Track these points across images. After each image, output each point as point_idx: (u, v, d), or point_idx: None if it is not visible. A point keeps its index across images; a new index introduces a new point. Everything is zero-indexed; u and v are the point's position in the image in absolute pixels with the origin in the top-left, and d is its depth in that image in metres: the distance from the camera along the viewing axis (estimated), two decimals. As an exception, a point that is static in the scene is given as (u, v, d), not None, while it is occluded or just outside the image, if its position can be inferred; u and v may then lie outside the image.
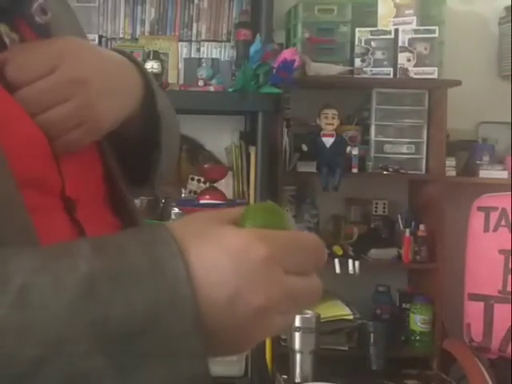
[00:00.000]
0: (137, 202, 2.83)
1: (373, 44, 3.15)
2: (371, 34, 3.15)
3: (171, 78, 3.13)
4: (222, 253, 0.53)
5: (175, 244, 0.52)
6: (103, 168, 0.78)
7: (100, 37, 3.21)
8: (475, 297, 2.91)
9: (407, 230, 3.18)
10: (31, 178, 0.64)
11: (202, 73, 3.08)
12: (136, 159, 0.85)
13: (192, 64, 3.17)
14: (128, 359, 0.49)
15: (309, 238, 0.58)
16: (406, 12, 3.15)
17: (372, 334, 3.05)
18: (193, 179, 3.13)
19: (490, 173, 3.23)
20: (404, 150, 3.23)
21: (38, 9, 0.71)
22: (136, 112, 0.77)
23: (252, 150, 3.00)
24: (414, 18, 3.14)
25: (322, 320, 2.81)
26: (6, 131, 0.62)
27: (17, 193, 0.60)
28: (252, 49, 2.88)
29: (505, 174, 3.21)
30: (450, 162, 3.22)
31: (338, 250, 3.13)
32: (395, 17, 3.16)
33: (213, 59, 3.19)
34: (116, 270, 0.50)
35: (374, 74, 3.15)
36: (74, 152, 0.70)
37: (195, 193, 3.08)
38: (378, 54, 3.14)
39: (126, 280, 0.50)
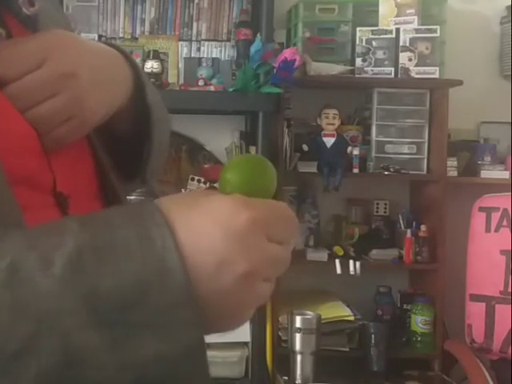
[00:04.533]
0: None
1: (374, 43, 3.13)
2: (372, 34, 3.14)
3: (171, 78, 3.12)
4: (207, 220, 0.53)
5: (161, 215, 0.52)
6: (94, 162, 0.77)
7: (100, 36, 3.20)
8: (476, 297, 2.91)
9: (408, 231, 3.17)
10: (22, 175, 0.63)
11: (202, 72, 3.07)
12: (126, 152, 0.84)
13: (192, 63, 3.16)
14: (121, 331, 0.49)
15: (284, 208, 0.59)
16: (407, 11, 3.14)
17: (373, 335, 3.04)
18: (193, 179, 3.12)
19: (492, 173, 3.22)
20: (405, 150, 3.22)
21: (25, 0, 0.70)
22: (126, 104, 0.76)
23: (252, 150, 2.99)
24: (415, 17, 3.13)
25: (323, 321, 2.81)
26: None
27: (8, 190, 0.59)
28: (252, 48, 2.87)
29: (506, 175, 3.19)
30: (452, 162, 3.21)
31: (338, 250, 3.12)
32: (396, 16, 3.15)
33: (213, 59, 3.18)
34: (103, 242, 0.50)
35: (375, 74, 3.14)
36: (63, 146, 0.69)
37: (195, 193, 3.07)
38: (379, 54, 3.13)
39: (114, 252, 0.50)
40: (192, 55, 3.23)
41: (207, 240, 0.52)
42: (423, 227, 3.17)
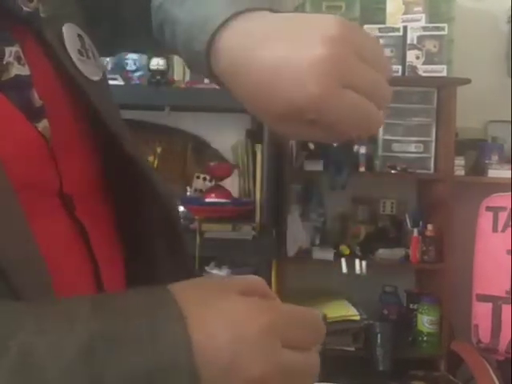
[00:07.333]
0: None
1: (381, 41, 3.12)
2: (379, 31, 3.12)
3: (177, 75, 3.10)
4: (221, 321, 0.52)
5: (176, 308, 0.52)
6: (101, 160, 0.75)
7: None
8: (483, 297, 2.89)
9: (415, 230, 3.16)
10: (29, 181, 0.62)
11: (209, 70, 3.05)
12: None
13: (198, 61, 3.15)
14: None
15: (310, 314, 0.57)
16: (415, 9, 3.13)
17: (379, 335, 3.03)
18: (198, 177, 3.11)
19: (499, 172, 3.21)
20: (412, 148, 3.21)
21: None
22: None
23: (258, 148, 2.98)
24: (423, 15, 3.12)
25: (329, 320, 2.80)
26: (2, 135, 0.60)
27: (14, 198, 0.58)
28: (259, 45, 2.85)
29: (514, 174, 3.18)
30: (459, 161, 3.20)
31: (344, 249, 3.11)
32: (404, 14, 3.13)
33: (219, 56, 3.17)
34: (114, 333, 0.50)
35: (382, 72, 3.12)
36: (72, 149, 0.69)
37: (201, 191, 3.07)
38: (387, 52, 3.12)
39: (125, 344, 0.50)
40: (198, 52, 3.22)
41: (218, 342, 0.51)
42: (430, 226, 3.16)
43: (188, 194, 3.09)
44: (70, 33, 0.72)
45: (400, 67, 3.12)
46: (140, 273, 0.77)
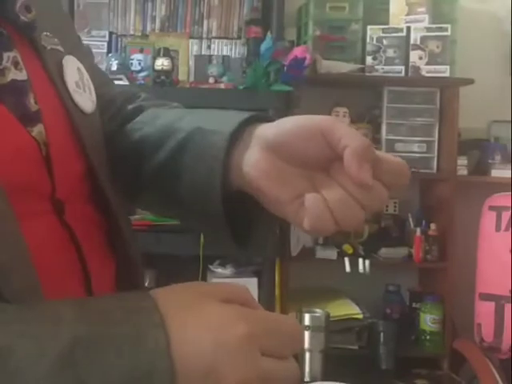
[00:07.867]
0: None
1: (384, 42, 3.13)
2: (383, 32, 3.13)
3: (181, 75, 3.12)
4: (201, 328, 0.53)
5: (158, 314, 0.53)
6: (85, 163, 0.75)
7: (110, 33, 3.21)
8: (486, 297, 2.89)
9: (418, 229, 3.16)
10: (21, 184, 0.63)
11: (213, 70, 3.07)
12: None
13: (202, 61, 3.16)
14: None
15: (289, 322, 0.58)
16: (418, 10, 3.13)
17: (382, 334, 3.04)
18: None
19: (502, 172, 3.21)
20: (415, 148, 3.21)
21: (22, 7, 0.69)
22: None
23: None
24: (426, 15, 3.13)
25: (332, 319, 2.80)
26: None
27: (4, 201, 0.59)
28: (263, 46, 2.86)
29: (516, 174, 3.18)
30: (462, 161, 3.21)
31: (348, 248, 3.11)
32: (407, 14, 3.14)
33: (223, 56, 3.18)
34: (98, 337, 0.51)
35: (385, 72, 3.13)
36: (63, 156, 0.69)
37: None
38: (390, 52, 3.13)
39: (107, 348, 0.51)
40: (202, 53, 3.23)
41: (198, 348, 0.52)
42: (433, 226, 3.16)
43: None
44: (69, 65, 0.74)
45: (403, 67, 3.13)
46: (130, 278, 0.78)
